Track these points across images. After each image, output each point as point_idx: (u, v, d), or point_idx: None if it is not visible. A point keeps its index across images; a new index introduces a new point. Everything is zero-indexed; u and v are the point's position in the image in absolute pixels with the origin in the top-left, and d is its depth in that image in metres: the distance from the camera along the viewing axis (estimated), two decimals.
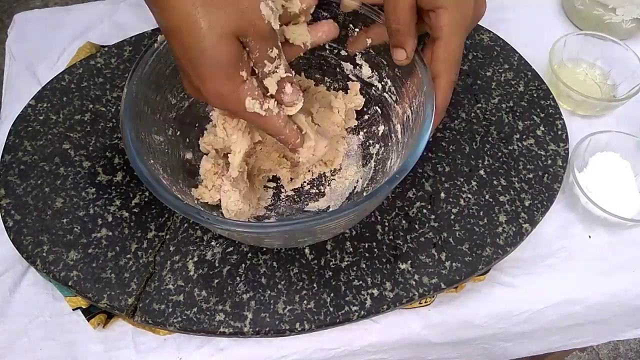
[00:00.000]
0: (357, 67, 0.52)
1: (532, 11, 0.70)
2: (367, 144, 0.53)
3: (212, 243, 0.48)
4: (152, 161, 0.41)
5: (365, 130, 0.54)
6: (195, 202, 0.46)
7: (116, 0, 0.70)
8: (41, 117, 0.55)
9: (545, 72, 0.61)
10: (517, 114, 0.57)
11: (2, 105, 0.61)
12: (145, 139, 0.42)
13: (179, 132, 0.49)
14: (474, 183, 0.52)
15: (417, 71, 0.43)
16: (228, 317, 0.45)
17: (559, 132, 0.56)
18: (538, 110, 0.58)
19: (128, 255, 0.47)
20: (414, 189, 0.52)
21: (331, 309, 0.45)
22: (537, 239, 0.53)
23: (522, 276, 0.51)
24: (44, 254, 0.47)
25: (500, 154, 0.54)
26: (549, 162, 0.54)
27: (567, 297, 0.51)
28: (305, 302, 0.46)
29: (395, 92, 0.48)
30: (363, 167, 0.53)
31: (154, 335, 0.47)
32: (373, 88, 0.50)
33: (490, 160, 0.54)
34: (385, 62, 0.47)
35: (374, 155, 0.51)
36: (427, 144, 0.40)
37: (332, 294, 0.46)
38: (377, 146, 0.51)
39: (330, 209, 0.50)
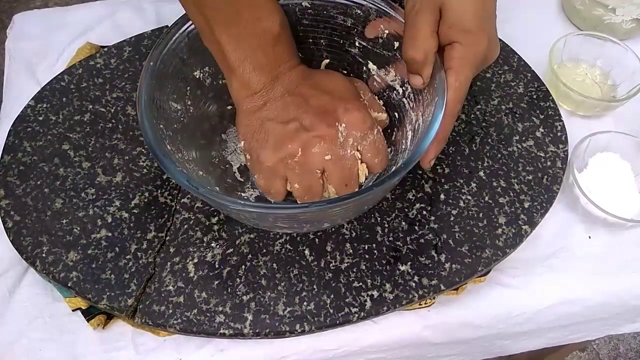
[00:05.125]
0: (383, 68, 0.51)
1: (532, 11, 0.70)
2: None
3: (212, 244, 0.48)
4: (161, 126, 0.42)
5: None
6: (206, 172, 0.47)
7: (116, 0, 0.70)
8: (41, 118, 0.55)
9: (545, 72, 0.61)
10: (517, 115, 0.57)
11: (2, 106, 0.61)
12: (160, 105, 0.44)
13: (204, 106, 0.50)
14: (473, 185, 0.52)
15: (434, 81, 0.43)
16: (228, 318, 0.45)
17: (559, 134, 0.56)
18: (537, 111, 0.58)
19: (128, 256, 0.47)
20: (413, 191, 0.52)
21: (331, 311, 0.45)
22: (537, 240, 0.53)
23: (522, 277, 0.51)
24: (44, 255, 0.47)
25: (499, 155, 0.54)
26: (549, 163, 0.54)
27: (567, 297, 0.51)
28: (305, 303, 0.46)
29: (413, 99, 0.48)
30: None
31: (153, 336, 0.47)
32: (394, 92, 0.50)
33: (489, 161, 0.54)
34: None
35: None
36: None
37: (332, 296, 0.46)
38: (389, 150, 0.51)
39: None
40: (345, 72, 0.54)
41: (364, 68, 0.52)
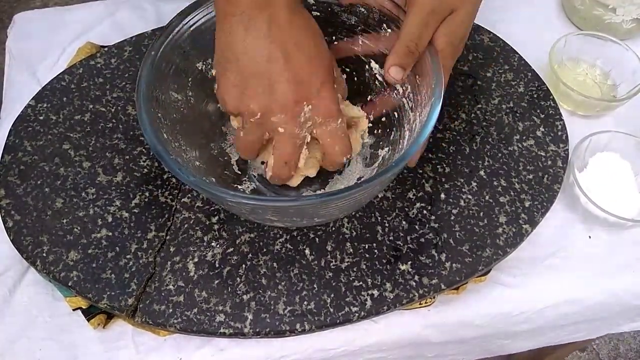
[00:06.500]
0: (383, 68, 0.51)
1: (532, 11, 0.70)
2: (378, 146, 0.53)
3: (213, 244, 0.48)
4: (159, 114, 0.42)
5: (380, 132, 0.54)
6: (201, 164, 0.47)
7: (116, 0, 0.70)
8: (41, 117, 0.55)
9: (546, 72, 0.61)
10: (517, 114, 0.57)
11: (2, 105, 0.61)
12: (160, 94, 0.44)
13: (205, 99, 0.50)
14: (474, 184, 0.52)
15: (431, 81, 0.43)
16: (228, 317, 0.45)
17: (559, 133, 0.56)
18: (538, 111, 0.58)
19: (128, 256, 0.47)
20: (414, 190, 0.52)
21: (331, 310, 0.45)
22: (537, 239, 0.53)
23: (522, 276, 0.51)
24: (44, 254, 0.47)
25: (500, 154, 0.54)
26: (549, 162, 0.54)
27: (567, 297, 0.51)
28: (305, 302, 0.46)
29: (412, 99, 0.48)
30: (367, 167, 0.53)
31: (154, 335, 0.47)
32: (395, 92, 0.50)
33: (490, 161, 0.54)
34: None
35: (380, 158, 0.51)
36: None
37: (332, 295, 0.46)
38: (386, 149, 0.51)
39: None
40: (347, 69, 0.54)
41: (367, 67, 0.52)
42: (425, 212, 0.50)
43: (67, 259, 0.47)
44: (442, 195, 0.51)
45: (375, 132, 0.54)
